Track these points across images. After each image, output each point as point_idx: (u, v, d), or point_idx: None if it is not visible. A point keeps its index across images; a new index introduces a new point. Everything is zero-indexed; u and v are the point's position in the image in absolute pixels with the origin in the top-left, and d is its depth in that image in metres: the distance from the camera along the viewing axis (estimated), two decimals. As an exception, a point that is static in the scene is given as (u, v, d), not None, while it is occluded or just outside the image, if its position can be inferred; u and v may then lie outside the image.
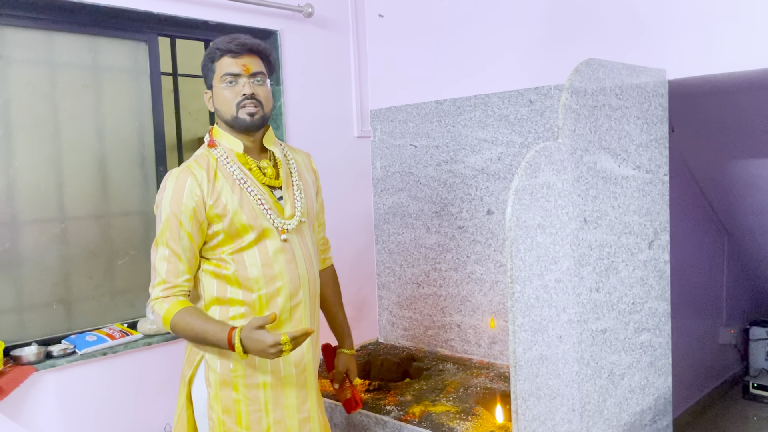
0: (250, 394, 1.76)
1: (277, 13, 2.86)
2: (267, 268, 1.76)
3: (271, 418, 1.78)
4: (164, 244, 1.69)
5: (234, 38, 1.74)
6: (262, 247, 1.76)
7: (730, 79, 2.36)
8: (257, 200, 1.75)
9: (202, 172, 1.72)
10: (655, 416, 2.34)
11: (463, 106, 2.87)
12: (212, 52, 1.76)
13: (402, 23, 3.14)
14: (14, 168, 2.32)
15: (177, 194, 1.69)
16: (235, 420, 1.75)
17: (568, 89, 1.85)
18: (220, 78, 1.74)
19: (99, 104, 2.53)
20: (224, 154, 1.77)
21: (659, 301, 2.35)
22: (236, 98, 1.73)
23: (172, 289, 1.70)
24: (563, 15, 2.56)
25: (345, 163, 3.18)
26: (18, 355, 2.21)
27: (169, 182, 1.71)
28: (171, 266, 1.69)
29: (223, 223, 1.72)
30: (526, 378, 1.71)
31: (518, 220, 1.68)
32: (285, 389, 1.81)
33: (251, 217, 1.73)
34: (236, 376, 1.76)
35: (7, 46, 2.30)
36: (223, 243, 1.74)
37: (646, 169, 2.24)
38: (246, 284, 1.75)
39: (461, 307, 2.97)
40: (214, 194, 1.71)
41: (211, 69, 1.77)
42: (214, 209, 1.71)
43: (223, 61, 1.74)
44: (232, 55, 1.73)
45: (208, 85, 1.80)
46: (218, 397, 1.75)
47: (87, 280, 2.50)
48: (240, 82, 1.73)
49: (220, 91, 1.75)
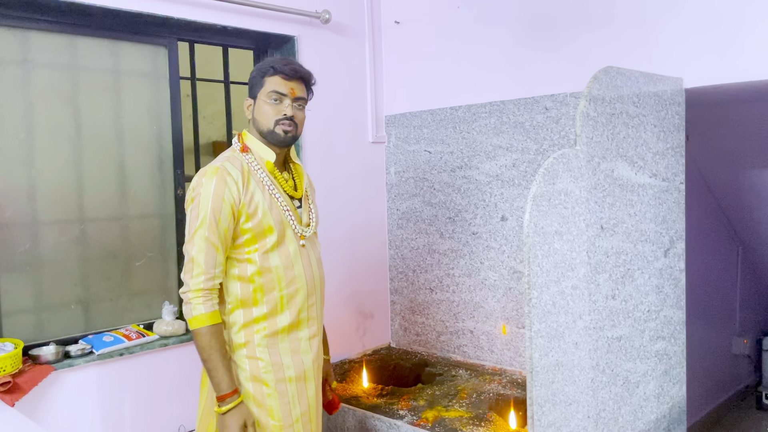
0: (280, 388, 1.87)
1: (295, 19, 2.89)
2: (288, 270, 1.88)
3: (298, 409, 1.90)
4: (203, 237, 1.77)
5: (289, 62, 1.90)
6: (283, 250, 1.88)
7: (746, 88, 2.36)
8: (283, 206, 1.88)
9: (237, 172, 1.83)
10: (670, 425, 2.33)
11: (479, 113, 2.88)
12: (266, 68, 1.89)
13: (418, 30, 3.16)
14: (36, 170, 2.35)
15: (218, 191, 1.78)
16: (267, 414, 1.85)
17: (586, 97, 1.86)
18: (267, 93, 1.88)
19: (119, 108, 2.56)
20: (255, 161, 1.89)
21: (674, 310, 2.34)
22: (277, 116, 1.87)
23: (212, 280, 1.78)
24: (581, 22, 2.57)
25: (359, 168, 3.20)
26: (36, 354, 2.24)
27: (207, 179, 1.79)
28: (209, 257, 1.78)
29: (253, 222, 1.82)
30: (542, 384, 1.72)
31: (536, 227, 1.69)
32: (306, 383, 1.93)
33: (277, 221, 1.86)
34: (266, 372, 1.86)
35: (31, 49, 2.34)
36: (248, 243, 1.84)
37: (663, 177, 2.24)
38: (269, 285, 1.86)
39: (474, 313, 2.97)
40: (248, 194, 1.83)
41: (260, 82, 1.89)
42: (247, 208, 1.82)
43: (273, 79, 1.88)
44: (284, 76, 1.88)
45: (252, 95, 1.93)
46: (249, 394, 1.85)
47: (105, 281, 2.53)
48: (284, 102, 1.88)
49: (263, 105, 1.89)
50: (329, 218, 2.91)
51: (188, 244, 1.79)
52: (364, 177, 3.22)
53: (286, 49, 2.93)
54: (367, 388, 2.70)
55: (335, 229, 3.00)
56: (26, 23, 2.31)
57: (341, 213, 3.10)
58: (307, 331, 1.94)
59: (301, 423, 1.90)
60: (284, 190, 1.91)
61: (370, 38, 3.21)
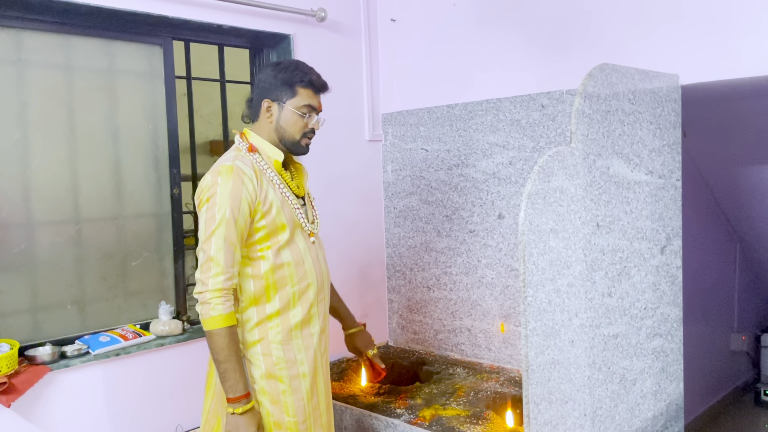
0: (294, 384, 1.89)
1: (290, 18, 2.88)
2: (299, 266, 1.91)
3: (310, 405, 1.93)
4: (222, 236, 1.77)
5: (318, 75, 1.93)
6: (294, 247, 1.91)
7: (742, 84, 2.36)
8: (293, 204, 1.93)
9: (251, 171, 1.84)
10: (667, 422, 2.33)
11: (475, 111, 2.87)
12: (299, 76, 1.90)
13: (414, 27, 3.16)
14: (30, 170, 2.35)
15: (235, 190, 1.78)
16: (282, 410, 1.87)
17: (581, 94, 1.85)
18: (300, 106, 1.90)
19: (114, 107, 2.55)
20: (263, 160, 1.91)
21: (671, 307, 2.34)
22: (305, 129, 1.93)
23: (231, 280, 1.79)
24: (576, 19, 2.57)
25: (356, 166, 3.19)
26: (32, 355, 2.23)
27: (223, 179, 1.79)
28: (228, 257, 1.78)
29: (267, 220, 1.85)
30: (538, 382, 1.71)
31: (531, 225, 1.68)
32: (317, 378, 1.96)
33: (289, 218, 1.90)
34: (281, 369, 1.88)
35: (25, 49, 2.33)
36: (262, 240, 1.86)
37: (659, 174, 2.24)
38: (281, 281, 1.88)
39: (472, 311, 2.97)
40: (263, 192, 1.85)
41: (290, 90, 1.90)
42: (262, 206, 1.84)
43: (307, 92, 1.91)
44: (317, 90, 1.93)
45: (274, 98, 1.92)
46: (264, 391, 1.87)
47: (101, 281, 2.53)
48: (314, 117, 1.94)
49: (292, 116, 1.91)
50: (326, 217, 2.90)
51: (205, 243, 1.78)
52: (361, 175, 3.22)
53: (282, 48, 2.92)
54: (364, 386, 2.70)
55: (332, 227, 3.00)
56: (20, 23, 2.30)
57: (338, 211, 3.09)
58: (318, 326, 1.96)
59: (313, 417, 1.93)
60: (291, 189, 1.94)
61: (366, 36, 3.20)
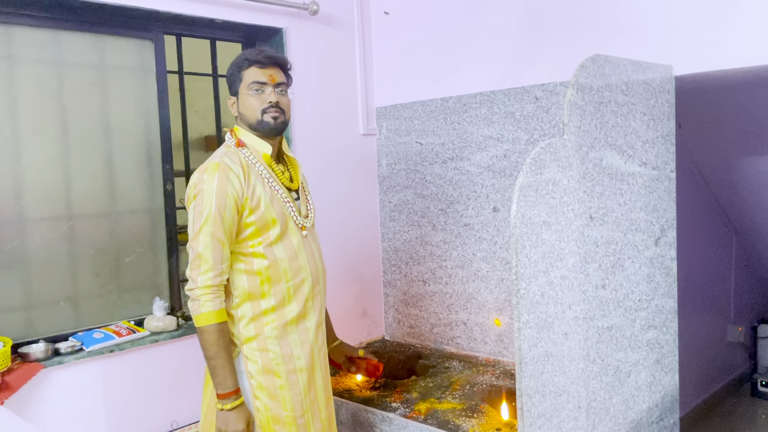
0: (291, 379, 1.89)
1: (282, 11, 2.86)
2: (293, 261, 1.90)
3: (308, 399, 1.93)
4: (208, 233, 1.77)
5: (261, 51, 1.91)
6: (287, 242, 1.89)
7: (737, 74, 2.35)
8: (283, 198, 1.90)
9: (237, 167, 1.83)
10: (662, 414, 2.33)
11: (469, 104, 2.86)
12: (240, 62, 1.91)
13: (407, 20, 3.14)
14: (22, 166, 2.33)
15: (221, 187, 1.78)
16: (280, 405, 1.88)
17: (573, 85, 1.84)
18: (247, 86, 1.89)
19: (106, 103, 2.54)
20: (251, 155, 1.90)
21: (666, 299, 2.34)
22: (262, 105, 1.88)
23: (220, 276, 1.79)
24: (570, 11, 2.55)
25: (351, 160, 3.18)
26: (26, 352, 2.23)
27: (209, 176, 1.79)
28: (216, 253, 1.78)
29: (256, 215, 1.83)
30: (531, 375, 1.71)
31: (523, 217, 1.68)
32: (314, 372, 1.96)
33: (279, 213, 1.88)
34: (278, 364, 1.88)
35: (15, 45, 2.31)
36: (252, 236, 1.85)
37: (653, 165, 2.23)
38: (276, 277, 1.87)
39: (467, 304, 2.96)
40: (250, 188, 1.83)
41: (238, 77, 1.91)
42: (250, 202, 1.83)
43: (250, 71, 1.88)
44: (260, 65, 1.88)
45: (233, 92, 1.95)
46: (262, 386, 1.87)
47: (94, 277, 2.52)
48: (266, 90, 1.89)
49: (246, 98, 1.89)
50: (321, 211, 2.88)
51: (193, 241, 1.78)
52: (355, 169, 3.20)
53: (274, 42, 2.90)
54: (360, 380, 2.70)
55: (327, 222, 2.99)
56: (9, 18, 2.28)
57: (333, 206, 3.08)
58: (315, 320, 1.96)
59: (311, 412, 1.93)
60: (282, 183, 1.92)
61: (359, 29, 3.18)
